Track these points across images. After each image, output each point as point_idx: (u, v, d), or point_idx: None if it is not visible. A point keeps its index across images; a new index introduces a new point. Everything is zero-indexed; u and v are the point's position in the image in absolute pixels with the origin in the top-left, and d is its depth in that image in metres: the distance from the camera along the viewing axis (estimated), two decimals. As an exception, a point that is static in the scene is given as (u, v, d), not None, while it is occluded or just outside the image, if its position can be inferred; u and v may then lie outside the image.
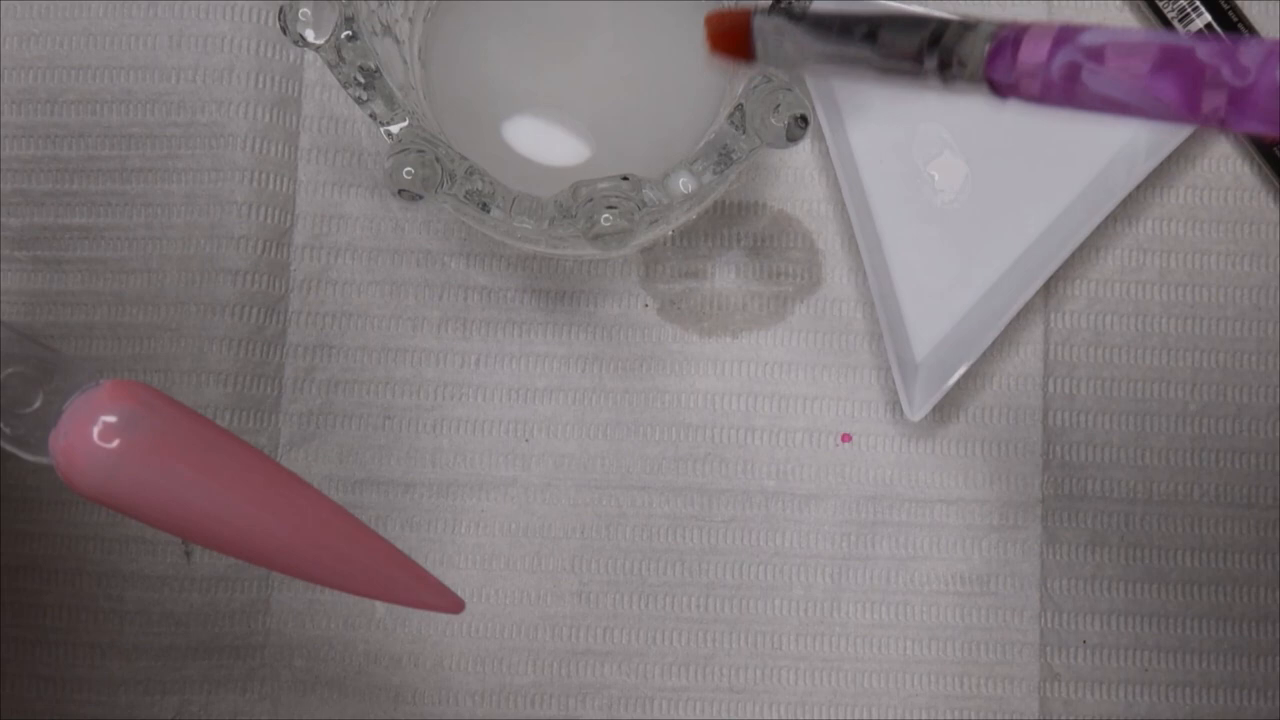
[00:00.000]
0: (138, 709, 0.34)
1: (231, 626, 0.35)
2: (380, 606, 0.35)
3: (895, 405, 0.35)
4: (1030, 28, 0.20)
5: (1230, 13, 0.35)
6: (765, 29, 0.25)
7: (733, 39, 0.26)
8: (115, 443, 0.21)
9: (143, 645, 0.34)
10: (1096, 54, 0.19)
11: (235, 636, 0.35)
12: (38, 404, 0.22)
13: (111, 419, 0.21)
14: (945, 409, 0.35)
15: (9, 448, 0.22)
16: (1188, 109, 0.19)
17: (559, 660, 0.35)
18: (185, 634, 0.34)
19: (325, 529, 0.23)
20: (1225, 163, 0.36)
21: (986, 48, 0.21)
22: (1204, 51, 0.18)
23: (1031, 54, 0.20)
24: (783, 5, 0.27)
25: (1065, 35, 0.20)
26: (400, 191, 0.26)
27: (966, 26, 0.21)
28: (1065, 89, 0.20)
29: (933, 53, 0.22)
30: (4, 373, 0.22)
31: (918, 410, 0.34)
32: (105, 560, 0.34)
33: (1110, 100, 0.20)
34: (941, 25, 0.21)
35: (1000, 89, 0.21)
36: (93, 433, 0.21)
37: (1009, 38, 0.20)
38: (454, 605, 0.24)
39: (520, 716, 0.35)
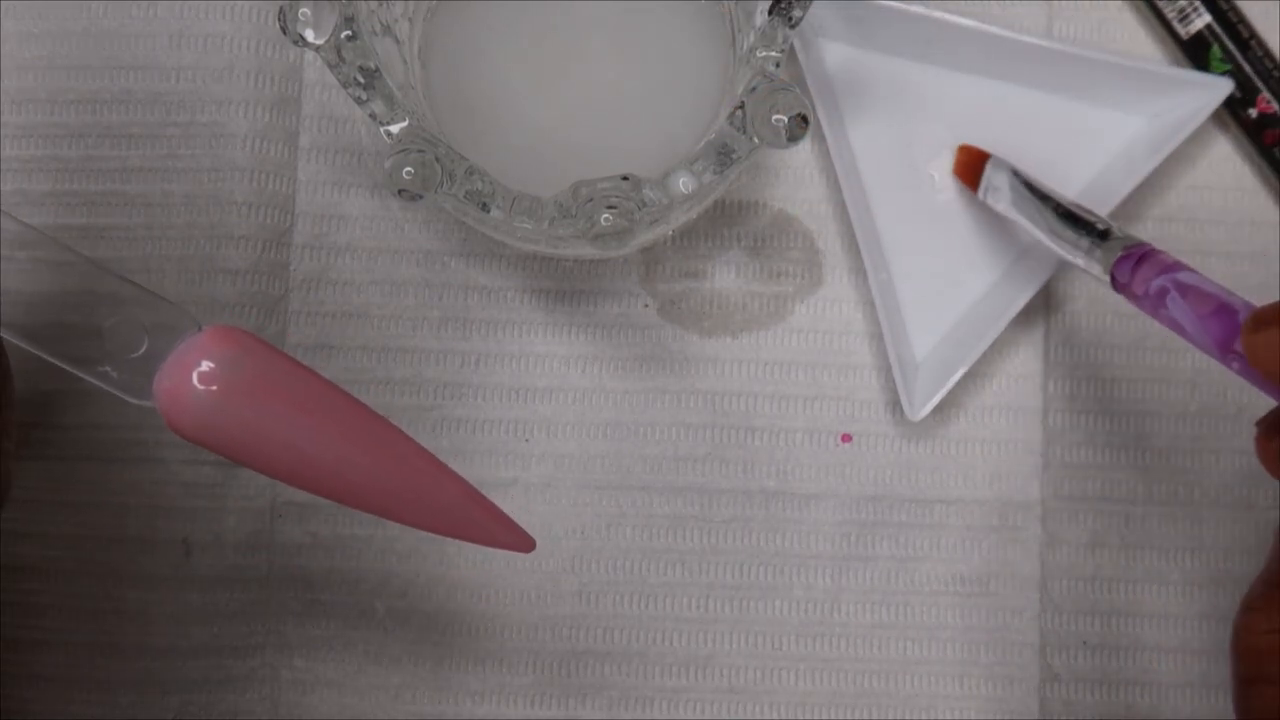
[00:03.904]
0: (138, 709, 0.34)
1: (231, 626, 0.35)
2: (380, 606, 0.35)
3: (895, 405, 0.35)
4: (1154, 253, 0.28)
5: (1230, 13, 0.35)
6: (992, 176, 0.34)
7: (970, 171, 0.34)
8: (215, 386, 0.22)
9: (143, 645, 0.34)
10: (1183, 289, 0.26)
11: (235, 636, 0.35)
12: (143, 349, 0.23)
13: (212, 364, 0.22)
14: (945, 409, 0.35)
15: (115, 391, 0.23)
16: (1221, 349, 0.25)
17: (559, 660, 0.35)
18: (185, 634, 0.34)
19: (411, 469, 0.24)
20: (1225, 163, 0.36)
21: (1117, 255, 0.28)
22: (1244, 313, 0.25)
23: (1145, 272, 0.27)
24: (782, 6, 0.27)
25: (1170, 268, 0.27)
26: (400, 191, 0.26)
27: (1113, 235, 0.29)
28: (1154, 303, 0.27)
29: (1088, 240, 0.30)
30: (112, 319, 0.23)
31: (918, 410, 0.34)
32: (105, 560, 0.34)
33: (1176, 323, 0.26)
34: (1105, 228, 0.30)
35: (1116, 284, 0.28)
36: (194, 377, 0.22)
37: (1135, 254, 0.28)
38: (526, 544, 0.25)
39: (520, 716, 0.35)
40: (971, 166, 0.35)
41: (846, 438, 0.35)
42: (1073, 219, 0.30)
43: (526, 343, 0.35)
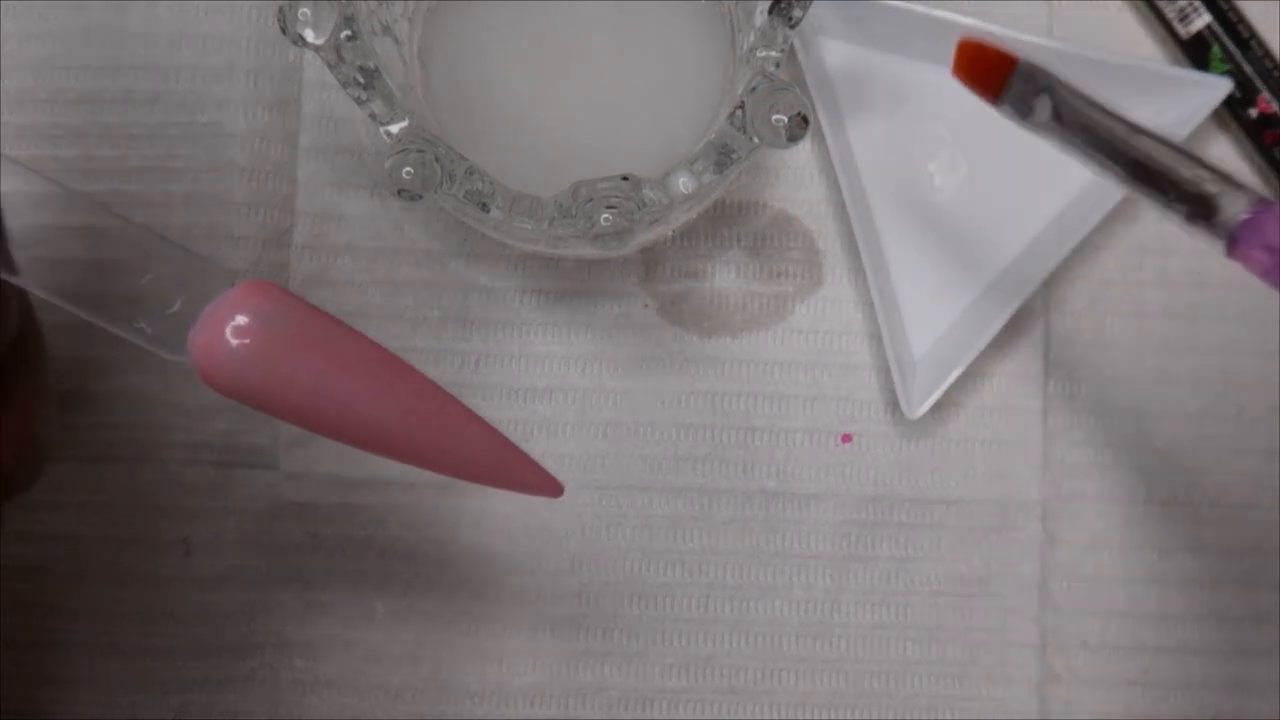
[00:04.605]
0: (138, 709, 0.34)
1: (231, 626, 0.35)
2: (380, 606, 0.35)
3: (895, 406, 0.35)
4: None
5: (1230, 13, 0.35)
6: (1026, 79, 0.26)
7: (986, 73, 0.27)
8: (249, 340, 0.22)
9: (143, 645, 0.34)
10: None
11: (235, 636, 0.35)
12: (178, 305, 0.23)
13: (246, 318, 0.22)
14: (945, 409, 0.35)
15: (150, 347, 0.23)
16: None
17: (559, 660, 0.35)
18: (185, 634, 0.34)
19: (442, 416, 0.24)
20: (1226, 163, 0.36)
21: (1246, 212, 0.23)
22: None
23: (1276, 232, 0.23)
24: (782, 6, 0.27)
25: None
26: (400, 191, 0.26)
27: (1230, 183, 0.23)
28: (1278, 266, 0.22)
29: (1182, 192, 0.24)
30: (147, 276, 0.23)
31: (916, 408, 0.34)
32: (105, 560, 0.34)
33: None
34: (1207, 176, 0.23)
35: (1235, 245, 0.23)
36: (228, 331, 0.22)
37: (1269, 212, 0.23)
38: (555, 489, 0.25)
39: (520, 716, 0.35)
40: (985, 67, 0.27)
41: (846, 438, 0.35)
42: (1163, 154, 0.24)
43: (526, 343, 0.35)
